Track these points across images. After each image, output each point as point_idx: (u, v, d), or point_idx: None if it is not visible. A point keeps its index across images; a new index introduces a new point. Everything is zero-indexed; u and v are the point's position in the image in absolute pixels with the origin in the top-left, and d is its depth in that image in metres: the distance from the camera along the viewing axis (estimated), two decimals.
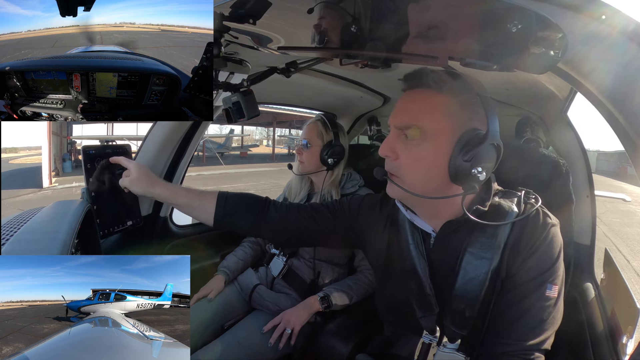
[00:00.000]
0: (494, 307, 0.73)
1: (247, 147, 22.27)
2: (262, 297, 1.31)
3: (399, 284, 0.84)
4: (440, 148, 0.70)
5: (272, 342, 1.15)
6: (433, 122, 0.70)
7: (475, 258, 0.73)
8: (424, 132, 0.70)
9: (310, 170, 1.39)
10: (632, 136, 0.58)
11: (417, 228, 0.82)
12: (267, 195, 1.06)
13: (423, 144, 0.71)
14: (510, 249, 0.72)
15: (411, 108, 0.73)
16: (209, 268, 1.50)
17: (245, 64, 1.00)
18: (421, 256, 0.80)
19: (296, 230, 0.98)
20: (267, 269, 1.39)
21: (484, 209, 0.73)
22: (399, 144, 0.73)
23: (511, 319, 0.71)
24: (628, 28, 0.50)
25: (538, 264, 0.70)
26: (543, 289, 0.70)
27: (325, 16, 0.66)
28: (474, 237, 0.74)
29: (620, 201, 7.11)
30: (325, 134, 1.38)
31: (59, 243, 0.68)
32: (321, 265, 1.32)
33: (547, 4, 0.51)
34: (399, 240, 0.84)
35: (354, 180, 1.40)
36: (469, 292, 0.73)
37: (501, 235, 0.72)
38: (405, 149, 0.73)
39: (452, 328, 0.75)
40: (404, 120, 0.72)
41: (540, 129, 1.55)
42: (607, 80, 0.57)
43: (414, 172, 0.73)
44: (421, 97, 0.72)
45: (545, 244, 0.71)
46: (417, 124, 0.71)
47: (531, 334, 0.69)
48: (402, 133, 0.73)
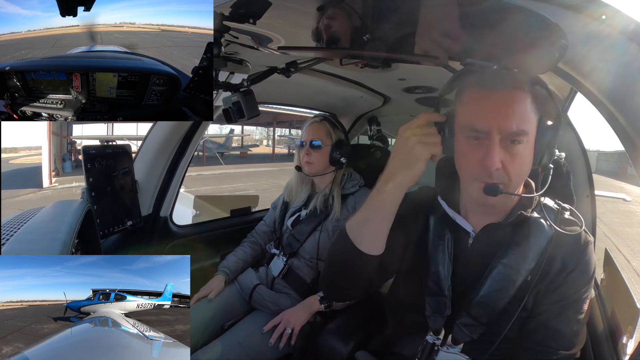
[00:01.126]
0: (530, 320, 0.74)
1: (247, 147, 22.26)
2: (262, 297, 1.31)
3: (416, 281, 0.82)
4: (531, 146, 0.71)
5: (272, 342, 1.15)
6: (530, 124, 0.69)
7: (507, 267, 0.73)
8: (526, 135, 0.69)
9: (320, 171, 1.39)
10: (632, 136, 0.58)
11: (452, 228, 0.80)
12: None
13: (525, 148, 0.70)
14: (547, 262, 0.73)
15: (513, 112, 0.68)
16: (209, 268, 1.50)
17: (245, 64, 1.00)
18: (447, 257, 0.79)
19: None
20: (267, 269, 1.39)
21: (527, 214, 0.74)
22: (503, 153, 0.69)
23: (551, 331, 0.73)
24: (628, 28, 0.50)
25: (577, 281, 0.73)
26: (581, 304, 0.73)
27: (326, 16, 0.66)
28: (510, 245, 0.74)
29: (620, 201, 7.13)
30: (334, 134, 1.38)
31: (59, 243, 0.68)
32: (321, 265, 1.32)
33: (547, 4, 0.51)
34: (427, 238, 0.82)
35: (354, 180, 1.40)
36: (493, 301, 0.73)
37: (538, 247, 0.73)
38: (509, 157, 0.69)
39: (465, 331, 0.75)
40: (512, 127, 0.68)
41: None
42: (607, 80, 0.58)
43: (519, 177, 0.72)
44: (514, 98, 0.68)
45: (584, 261, 0.73)
46: (525, 129, 0.68)
47: (570, 345, 0.73)
48: (508, 140, 0.68)
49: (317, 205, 1.36)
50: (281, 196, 1.52)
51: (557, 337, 0.73)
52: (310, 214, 1.37)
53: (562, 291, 0.73)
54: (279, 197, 1.53)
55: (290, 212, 1.43)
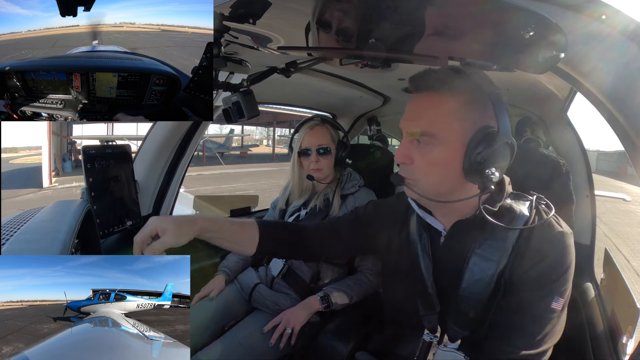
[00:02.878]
0: (497, 312, 0.72)
1: (247, 147, 22.26)
2: (263, 296, 1.31)
3: (404, 282, 0.84)
4: (453, 151, 0.70)
5: (272, 342, 1.15)
6: (444, 127, 0.70)
7: (482, 260, 0.73)
8: (436, 137, 0.70)
9: (328, 176, 1.38)
10: (632, 136, 0.58)
11: (426, 227, 0.82)
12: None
13: (436, 149, 0.70)
14: (518, 253, 0.71)
15: (421, 114, 0.72)
16: (209, 268, 1.50)
17: (245, 64, 1.00)
18: (426, 255, 0.80)
19: (331, 251, 0.99)
20: (267, 269, 1.39)
21: (493, 209, 0.73)
22: (412, 149, 0.73)
23: (514, 327, 0.70)
24: (628, 28, 0.50)
25: (547, 274, 0.69)
26: (549, 299, 0.68)
27: (327, 16, 0.66)
28: (482, 239, 0.74)
29: (620, 201, 7.12)
30: (336, 136, 1.38)
31: (59, 243, 0.68)
32: (321, 265, 1.32)
33: (547, 4, 0.51)
34: (408, 239, 0.85)
35: (353, 180, 1.39)
36: (474, 293, 0.73)
37: (510, 238, 0.72)
38: (419, 155, 0.72)
39: (455, 328, 0.75)
40: (415, 127, 0.72)
41: (540, 129, 1.55)
42: (607, 80, 0.58)
43: (429, 177, 0.72)
44: (430, 101, 0.71)
45: (555, 254, 0.70)
46: (428, 131, 0.70)
47: (532, 345, 0.68)
48: (414, 139, 0.72)
49: (317, 205, 1.36)
50: (281, 196, 1.52)
51: (520, 334, 0.69)
52: (309, 213, 1.37)
53: (530, 284, 0.70)
54: (278, 197, 1.53)
55: (289, 211, 1.43)
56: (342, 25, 0.67)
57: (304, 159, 1.38)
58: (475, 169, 0.69)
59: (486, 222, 0.71)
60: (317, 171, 1.36)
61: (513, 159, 0.72)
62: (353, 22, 0.67)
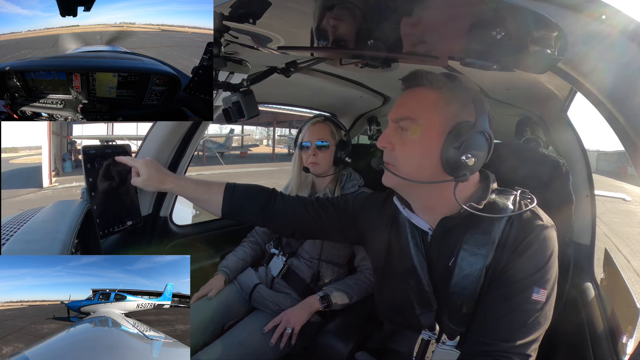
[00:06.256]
0: (480, 304, 0.73)
1: (247, 147, 22.26)
2: (263, 296, 1.31)
3: (399, 282, 0.85)
4: (432, 138, 0.74)
5: (272, 342, 1.15)
6: (425, 115, 0.74)
7: (470, 254, 0.74)
8: (417, 123, 0.74)
9: (325, 171, 1.38)
10: (632, 136, 0.58)
11: (417, 227, 0.83)
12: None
13: (416, 135, 0.75)
14: (503, 246, 0.72)
15: (406, 103, 0.78)
16: (209, 268, 1.50)
17: (245, 63, 1.00)
18: (420, 253, 0.82)
19: (302, 223, 1.00)
20: (267, 269, 1.39)
21: (479, 206, 0.74)
22: (395, 136, 0.77)
23: (493, 319, 0.71)
24: (628, 28, 0.50)
25: (526, 266, 0.70)
26: (529, 291, 0.69)
27: (327, 16, 0.66)
28: (469, 234, 0.75)
29: (620, 201, 7.13)
30: (337, 134, 1.38)
31: (59, 243, 0.68)
32: (321, 265, 1.32)
33: (547, 4, 0.51)
34: (400, 238, 0.86)
35: (353, 180, 1.40)
36: (465, 289, 0.73)
37: (495, 232, 0.73)
38: (400, 140, 0.77)
39: (450, 325, 0.76)
40: (399, 114, 0.77)
41: (540, 128, 1.55)
42: (607, 80, 0.58)
43: (408, 161, 0.76)
44: (415, 94, 0.77)
45: (535, 246, 0.70)
46: (410, 116, 0.75)
47: (511, 336, 0.68)
48: (397, 126, 0.77)
49: None
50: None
51: (499, 326, 0.69)
52: None
53: (510, 275, 0.70)
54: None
55: None
56: (342, 26, 0.67)
57: (303, 152, 1.39)
58: (452, 156, 0.72)
59: (471, 218, 0.74)
60: (314, 165, 1.36)
61: (491, 151, 0.76)
62: (353, 22, 0.67)
